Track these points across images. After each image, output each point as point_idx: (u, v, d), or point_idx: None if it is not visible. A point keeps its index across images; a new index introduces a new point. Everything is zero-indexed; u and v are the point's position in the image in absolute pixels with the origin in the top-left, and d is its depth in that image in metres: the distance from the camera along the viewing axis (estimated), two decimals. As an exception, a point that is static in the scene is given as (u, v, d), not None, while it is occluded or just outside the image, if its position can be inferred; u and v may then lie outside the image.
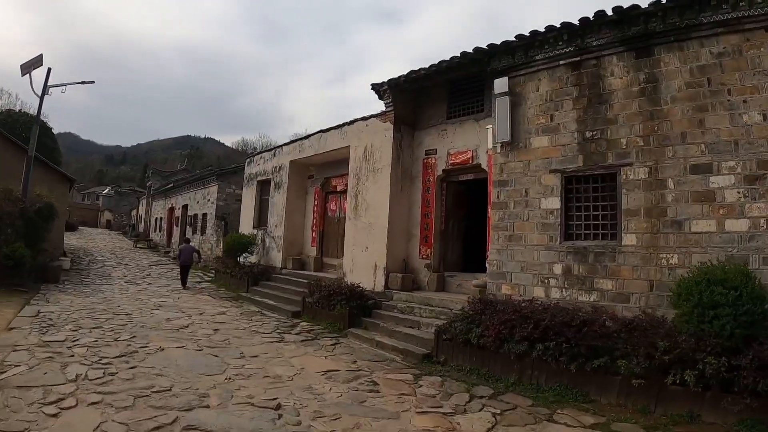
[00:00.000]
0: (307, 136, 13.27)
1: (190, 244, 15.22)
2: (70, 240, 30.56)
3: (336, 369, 6.18)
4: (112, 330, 7.69)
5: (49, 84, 13.43)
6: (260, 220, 15.31)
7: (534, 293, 6.87)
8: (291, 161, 13.74)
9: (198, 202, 22.73)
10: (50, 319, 8.21)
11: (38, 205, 12.52)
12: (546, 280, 6.88)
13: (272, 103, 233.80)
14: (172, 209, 29.13)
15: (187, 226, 24.22)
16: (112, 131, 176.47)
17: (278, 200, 13.98)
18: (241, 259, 14.15)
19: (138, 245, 31.44)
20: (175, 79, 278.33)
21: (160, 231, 32.81)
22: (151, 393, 4.85)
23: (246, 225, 15.70)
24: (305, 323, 9.17)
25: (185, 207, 25.53)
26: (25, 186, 12.67)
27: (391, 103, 10.00)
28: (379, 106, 10.51)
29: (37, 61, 13.12)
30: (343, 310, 8.61)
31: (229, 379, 5.53)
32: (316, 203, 13.73)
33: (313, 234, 13.67)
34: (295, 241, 13.77)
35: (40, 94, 13.33)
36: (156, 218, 34.83)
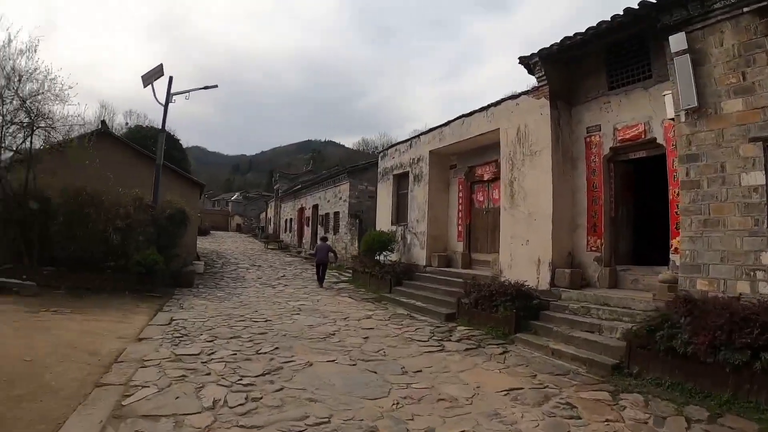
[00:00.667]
0: (447, 123, 13.70)
1: (327, 242, 16.69)
2: (203, 244, 35.08)
3: (518, 387, 5.78)
4: (251, 340, 7.79)
5: (171, 92, 15.22)
6: (398, 216, 16.17)
7: (738, 288, 6.39)
8: (431, 151, 14.32)
9: (329, 201, 24.58)
10: (183, 327, 8.61)
11: (169, 212, 14.22)
12: (752, 273, 6.34)
13: (389, 103, 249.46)
14: (301, 210, 31.80)
15: (319, 226, 26.33)
16: (237, 142, 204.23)
17: (419, 194, 14.65)
18: (381, 258, 15.05)
19: (269, 246, 34.98)
20: (292, 88, 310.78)
21: (290, 232, 35.98)
22: (307, 427, 4.47)
23: (383, 222, 16.67)
24: (463, 328, 9.23)
25: (315, 207, 27.74)
26: (155, 193, 14.46)
27: (544, 77, 9.96)
28: (495, 95, 10.56)
29: (157, 71, 14.75)
30: (508, 312, 8.57)
31: (397, 404, 5.14)
32: (460, 195, 14.12)
33: (459, 228, 14.08)
34: (439, 236, 14.32)
35: (163, 103, 15.14)
36: (285, 219, 38.24)
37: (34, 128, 12.14)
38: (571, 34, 9.05)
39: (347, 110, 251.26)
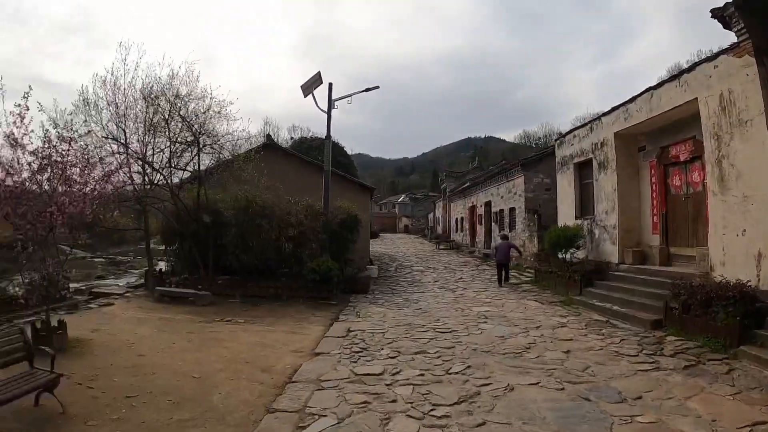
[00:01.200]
0: (632, 99, 13.05)
1: (507, 240, 16.96)
2: (374, 247, 37.23)
3: (761, 420, 4.99)
4: (438, 356, 7.67)
5: (333, 98, 16.43)
6: (582, 209, 15.78)
7: None
8: (615, 133, 13.78)
9: (502, 197, 24.71)
10: (362, 339, 8.94)
11: (341, 217, 15.54)
12: None
13: (545, 92, 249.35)
14: (473, 208, 32.34)
15: (492, 224, 26.63)
16: (398, 146, 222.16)
17: (605, 182, 14.17)
18: (566, 256, 14.81)
19: (440, 247, 36.27)
20: (445, 87, 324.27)
21: (461, 231, 36.80)
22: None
23: (565, 215, 16.39)
24: (674, 338, 8.54)
25: (488, 204, 28.04)
26: (326, 199, 15.56)
27: (744, 30, 8.93)
28: (659, 69, 9.68)
29: (316, 80, 15.91)
30: (730, 320, 7.72)
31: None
32: (653, 180, 13.33)
33: (654, 219, 13.29)
34: (631, 229, 13.70)
35: (326, 110, 16.32)
36: (456, 219, 39.18)
37: (200, 146, 14.34)
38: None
39: (503, 104, 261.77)
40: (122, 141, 13.34)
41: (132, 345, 8.23)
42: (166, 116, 13.85)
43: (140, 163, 13.66)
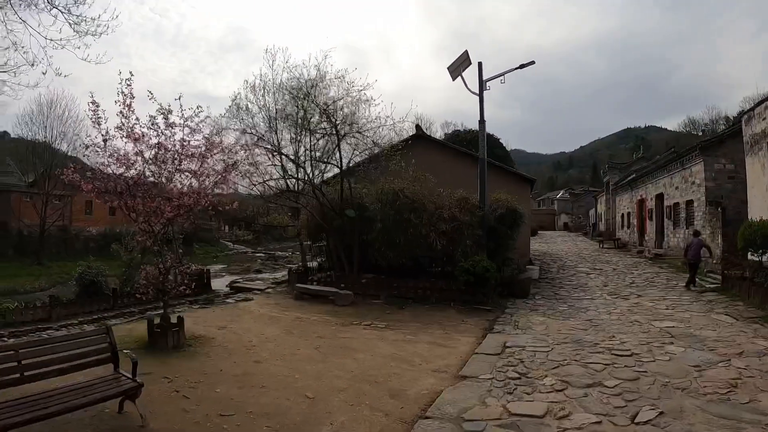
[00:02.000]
0: None
1: (699, 237, 15.06)
2: (533, 245, 34.93)
3: None
4: (619, 394, 5.96)
5: (484, 79, 14.67)
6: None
7: None
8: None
9: (676, 188, 21.73)
10: (520, 360, 7.45)
11: (499, 211, 13.90)
12: None
13: (705, 72, 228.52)
14: (641, 201, 29.14)
15: (665, 219, 23.63)
16: (554, 140, 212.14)
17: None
18: (765, 258, 12.18)
19: (604, 245, 33.28)
20: (599, 75, 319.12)
21: (627, 228, 33.51)
22: None
23: (758, 208, 13.70)
24: None
25: (659, 197, 25.00)
26: (482, 191, 13.88)
27: None
28: None
29: (463, 60, 14.37)
30: None
31: None
32: None
33: None
34: None
35: (477, 92, 14.59)
36: (621, 214, 35.79)
37: (340, 135, 13.94)
38: None
39: (663, 90, 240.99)
40: (273, 142, 13.80)
41: (253, 348, 8.04)
42: (305, 106, 14.05)
43: (289, 159, 14.02)
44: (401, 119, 14.54)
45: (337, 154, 14.49)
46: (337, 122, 13.86)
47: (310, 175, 14.87)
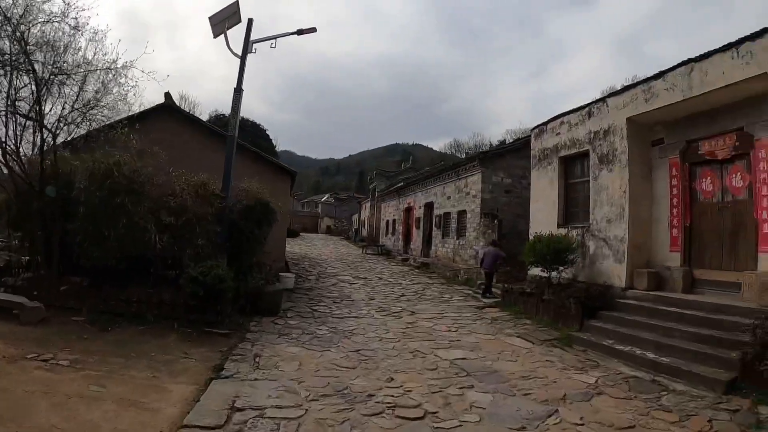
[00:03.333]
0: (659, 75, 9.85)
1: (496, 248, 14.31)
2: (293, 247, 32.73)
3: None
4: None
5: (251, 39, 11.50)
6: (567, 215, 12.47)
7: None
8: (629, 119, 10.49)
9: (449, 198, 21.25)
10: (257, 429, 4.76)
11: (246, 203, 10.99)
12: None
13: (475, 105, 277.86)
14: (409, 209, 28.84)
15: (434, 228, 23.13)
16: (325, 146, 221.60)
17: (610, 182, 10.88)
18: (551, 275, 11.33)
19: (367, 251, 32.35)
20: (380, 92, 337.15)
21: (392, 235, 33.25)
22: None
23: (541, 222, 13.02)
24: None
25: (428, 205, 24.58)
26: (227, 176, 10.70)
27: None
28: (587, 93, 6.62)
29: (231, 13, 11.20)
30: None
31: None
32: (673, 183, 10.22)
33: (673, 232, 10.15)
34: (642, 244, 10.42)
35: (240, 54, 11.38)
36: (387, 221, 35.57)
37: (38, 74, 9.02)
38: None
39: (434, 114, 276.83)
40: None
41: None
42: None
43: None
44: (129, 64, 10.08)
45: (39, 107, 9.38)
46: (29, 43, 8.75)
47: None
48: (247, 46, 11.37)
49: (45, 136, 9.30)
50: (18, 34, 8.63)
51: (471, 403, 5.78)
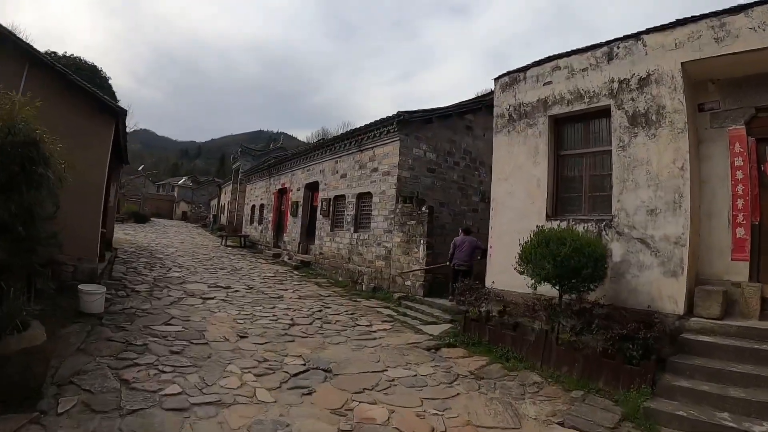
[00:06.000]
0: (741, 8, 6.49)
1: (470, 235, 10.91)
2: (137, 235, 26.82)
3: None
4: None
5: None
6: (557, 204, 8.67)
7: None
8: (685, 65, 6.93)
9: (344, 176, 16.67)
10: None
11: None
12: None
13: (343, 99, 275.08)
14: (282, 191, 23.78)
15: (319, 216, 18.31)
16: (187, 128, 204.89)
17: (652, 153, 7.24)
18: (569, 296, 7.23)
19: (228, 243, 26.82)
20: (249, 77, 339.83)
21: (258, 224, 27.93)
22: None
23: (515, 211, 9.11)
24: None
25: (312, 186, 19.84)
26: None
27: None
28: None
29: None
30: None
31: None
32: (738, 164, 6.94)
33: (738, 232, 6.80)
34: (694, 249, 6.96)
35: None
36: (252, 206, 30.03)
37: None
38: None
39: (301, 104, 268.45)
40: None
41: None
42: None
43: None
44: None
45: None
46: None
47: None
48: None
49: None
50: None
51: None
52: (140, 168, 63.39)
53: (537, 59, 9.23)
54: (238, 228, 32.15)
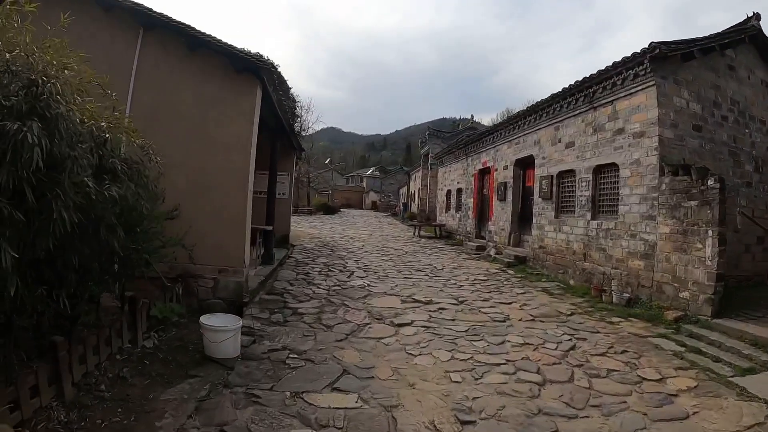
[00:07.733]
0: None
1: None
2: (325, 227, 26.34)
3: None
4: None
5: None
6: None
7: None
8: None
9: (569, 146, 12.81)
10: None
11: None
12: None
13: (524, 79, 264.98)
14: (484, 172, 20.47)
15: (537, 199, 14.62)
16: (372, 123, 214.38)
17: None
18: None
19: (420, 233, 24.61)
20: (427, 67, 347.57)
21: (456, 210, 25.10)
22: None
23: None
24: None
25: (523, 163, 16.27)
26: None
27: None
28: None
29: None
30: None
31: None
32: None
33: None
34: None
35: None
36: (448, 191, 27.30)
37: None
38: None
39: (482, 87, 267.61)
40: None
41: None
42: None
43: None
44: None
45: None
46: None
47: None
48: None
49: None
50: None
51: None
52: (327, 161, 66.12)
53: None
54: (431, 216, 30.01)
